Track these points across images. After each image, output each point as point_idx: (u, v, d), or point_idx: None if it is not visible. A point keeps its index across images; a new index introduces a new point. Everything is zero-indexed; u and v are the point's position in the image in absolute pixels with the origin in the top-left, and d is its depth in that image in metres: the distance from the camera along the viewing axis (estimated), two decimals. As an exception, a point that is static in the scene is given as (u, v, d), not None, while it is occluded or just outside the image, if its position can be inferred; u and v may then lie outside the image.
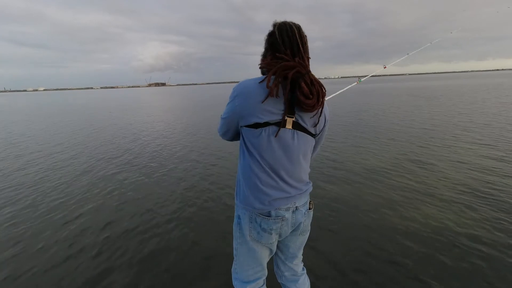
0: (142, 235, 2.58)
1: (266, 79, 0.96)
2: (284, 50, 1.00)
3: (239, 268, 1.23)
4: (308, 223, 1.21)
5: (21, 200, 3.52)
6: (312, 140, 1.12)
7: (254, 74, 1.08)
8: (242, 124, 1.04)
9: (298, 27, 1.02)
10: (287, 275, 1.33)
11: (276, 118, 0.99)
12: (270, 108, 0.98)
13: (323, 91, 1.02)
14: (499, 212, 2.70)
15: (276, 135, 1.01)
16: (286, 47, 1.00)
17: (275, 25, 1.04)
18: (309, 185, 1.17)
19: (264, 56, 1.11)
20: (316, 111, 1.04)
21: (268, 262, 1.25)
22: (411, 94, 19.38)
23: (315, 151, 1.24)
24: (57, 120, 12.44)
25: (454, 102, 12.87)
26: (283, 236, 1.17)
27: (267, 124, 0.99)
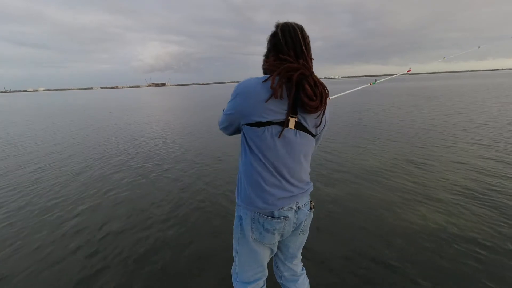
0: (138, 235, 2.58)
1: (270, 80, 0.96)
2: (288, 51, 1.01)
3: (240, 269, 1.22)
4: (309, 223, 1.21)
5: (18, 200, 3.52)
6: (313, 140, 1.12)
7: (254, 74, 1.08)
8: (243, 123, 1.04)
9: (301, 28, 1.03)
10: (286, 275, 1.33)
11: (280, 118, 0.99)
12: (273, 108, 0.98)
13: (326, 92, 1.02)
14: (498, 214, 2.70)
15: (280, 135, 1.01)
16: (290, 48, 1.00)
17: (277, 26, 1.04)
18: (310, 184, 1.17)
19: (267, 56, 1.11)
20: (319, 113, 1.04)
21: (267, 262, 1.25)
22: (411, 94, 19.38)
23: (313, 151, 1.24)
24: (57, 120, 12.44)
25: (454, 102, 12.87)
26: (285, 236, 1.16)
27: (270, 123, 0.99)
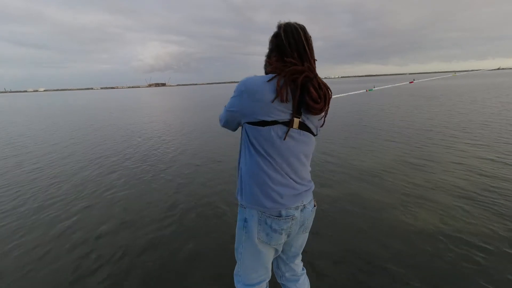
0: (134, 235, 2.59)
1: (275, 80, 0.97)
2: (291, 53, 1.01)
3: (243, 271, 1.20)
4: (311, 221, 1.21)
5: (16, 199, 3.53)
6: (314, 139, 1.13)
7: (254, 74, 1.08)
8: (246, 121, 1.03)
9: (303, 29, 1.02)
10: (287, 275, 1.33)
11: (284, 118, 1.00)
12: (279, 108, 0.98)
13: (330, 94, 1.03)
14: (497, 215, 2.70)
15: (286, 135, 1.01)
16: (293, 50, 1.00)
17: (280, 26, 1.04)
18: (312, 183, 1.18)
19: (268, 56, 1.11)
20: (322, 114, 1.06)
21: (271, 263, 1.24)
22: (411, 94, 19.37)
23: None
24: (57, 121, 12.44)
25: (454, 102, 12.85)
26: (291, 236, 1.15)
27: (275, 123, 0.99)
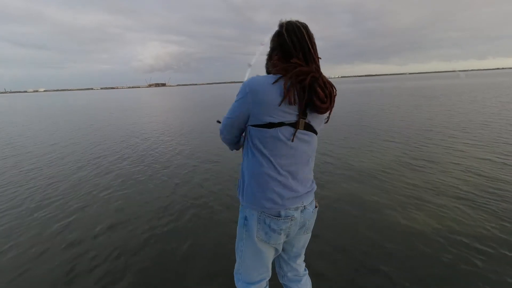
0: (132, 234, 2.59)
1: (282, 84, 0.95)
2: (296, 53, 0.99)
3: (244, 269, 1.20)
4: (313, 222, 1.20)
5: (14, 199, 3.54)
6: (316, 138, 1.11)
7: (254, 74, 1.08)
8: (252, 123, 1.01)
9: (305, 27, 1.01)
10: (289, 275, 1.32)
11: (291, 119, 0.99)
12: (285, 109, 0.97)
13: (335, 92, 1.03)
14: (497, 217, 2.71)
15: (294, 136, 1.01)
16: (297, 49, 0.99)
17: (282, 25, 1.02)
18: (314, 183, 1.17)
19: (270, 56, 1.09)
20: (328, 112, 1.05)
21: (272, 262, 1.24)
22: (411, 94, 19.38)
23: None
24: (56, 121, 12.45)
25: (453, 101, 12.87)
26: (290, 236, 1.15)
27: (281, 124, 0.98)
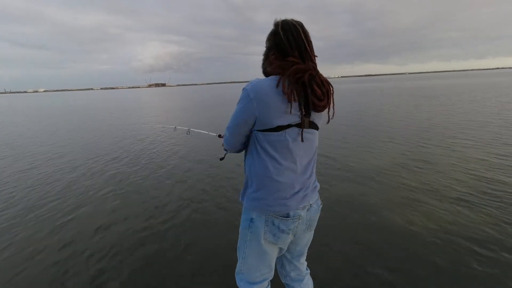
0: (128, 234, 2.59)
1: (281, 84, 0.95)
2: (292, 51, 0.99)
3: (246, 270, 1.19)
4: (316, 219, 1.21)
5: (12, 199, 3.54)
6: (317, 133, 1.12)
7: (254, 74, 1.08)
8: (260, 128, 1.00)
9: (301, 25, 1.01)
10: (292, 275, 1.32)
11: (296, 120, 0.99)
12: (290, 110, 0.97)
13: (332, 90, 1.04)
14: (495, 218, 2.71)
15: (302, 137, 1.01)
16: (293, 48, 0.99)
17: (277, 24, 1.02)
18: (317, 181, 1.18)
19: (266, 55, 1.09)
20: (327, 110, 1.06)
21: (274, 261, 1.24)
22: (411, 94, 19.38)
23: None
24: (56, 121, 12.46)
25: (453, 101, 12.86)
26: (298, 235, 1.15)
27: (289, 126, 0.99)
